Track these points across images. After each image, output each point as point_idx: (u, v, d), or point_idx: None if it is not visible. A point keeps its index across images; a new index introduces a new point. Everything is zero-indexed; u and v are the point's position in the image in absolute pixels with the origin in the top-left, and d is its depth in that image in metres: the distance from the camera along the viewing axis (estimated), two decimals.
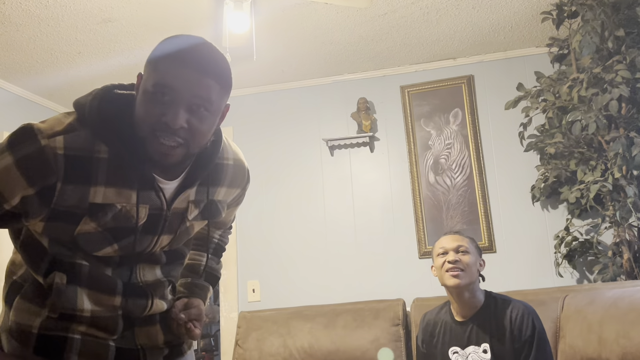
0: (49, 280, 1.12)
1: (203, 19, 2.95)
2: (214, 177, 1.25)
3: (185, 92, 1.04)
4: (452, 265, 2.12)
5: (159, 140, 1.05)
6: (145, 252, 1.20)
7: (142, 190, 1.12)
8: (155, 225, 1.17)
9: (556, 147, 3.06)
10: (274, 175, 3.82)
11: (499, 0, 2.94)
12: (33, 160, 1.03)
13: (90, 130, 1.08)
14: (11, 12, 2.76)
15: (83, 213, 1.08)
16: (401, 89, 3.74)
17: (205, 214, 1.25)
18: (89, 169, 1.07)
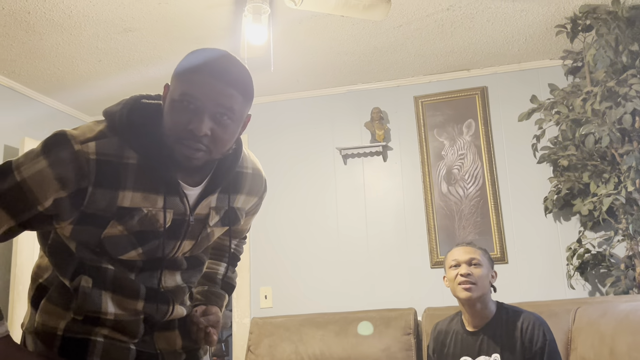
0: (75, 283, 1.16)
1: (222, 30, 3.01)
2: (234, 184, 1.30)
3: (209, 102, 1.10)
4: (464, 279, 2.13)
5: (184, 147, 1.11)
6: (168, 257, 1.25)
7: (168, 195, 1.17)
8: (178, 230, 1.22)
9: (569, 159, 3.07)
10: (288, 182, 3.86)
11: (513, 13, 2.97)
12: (67, 164, 1.08)
13: (119, 137, 1.13)
14: (35, 22, 2.84)
15: (111, 216, 1.13)
16: (415, 99, 3.77)
17: (225, 220, 1.30)
18: (118, 174, 1.12)
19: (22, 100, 3.64)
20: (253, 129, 3.93)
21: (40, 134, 3.71)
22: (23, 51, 3.14)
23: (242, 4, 2.64)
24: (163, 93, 1.18)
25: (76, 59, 3.27)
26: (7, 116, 3.51)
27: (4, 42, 3.03)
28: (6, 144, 3.47)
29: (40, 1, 2.66)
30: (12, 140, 3.51)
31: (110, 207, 1.12)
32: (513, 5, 2.87)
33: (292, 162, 3.90)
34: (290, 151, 3.92)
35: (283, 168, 3.89)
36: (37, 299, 1.23)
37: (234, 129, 1.16)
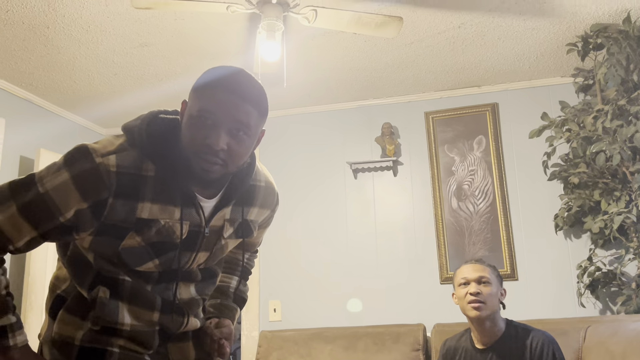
0: (93, 294, 1.19)
1: (236, 46, 3.06)
2: (248, 197, 1.33)
3: (226, 117, 1.13)
4: (473, 298, 2.14)
5: (201, 161, 1.14)
6: (183, 268, 1.27)
7: (185, 207, 1.20)
8: (193, 241, 1.24)
9: (580, 177, 3.07)
10: (298, 196, 3.88)
11: (524, 31, 2.99)
12: (88, 176, 1.12)
13: (139, 150, 1.17)
14: (54, 36, 2.90)
15: (130, 227, 1.16)
16: (425, 114, 3.79)
17: (239, 232, 1.33)
18: (137, 186, 1.15)
19: (38, 112, 3.71)
20: (264, 143, 3.95)
21: (55, 146, 3.77)
22: (41, 64, 3.20)
23: (257, 21, 2.69)
24: (181, 109, 1.22)
25: (92, 72, 3.33)
26: (24, 128, 3.57)
27: (23, 56, 3.09)
28: (22, 154, 3.53)
29: (60, 16, 2.72)
30: (27, 151, 3.56)
31: (129, 218, 1.15)
32: (524, 23, 2.90)
33: (302, 176, 3.92)
34: (301, 165, 3.95)
35: (294, 181, 3.91)
36: (55, 309, 1.26)
37: (249, 143, 1.19)
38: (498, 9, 2.76)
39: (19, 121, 3.53)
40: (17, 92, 3.50)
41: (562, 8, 2.76)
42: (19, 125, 3.53)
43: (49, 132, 3.78)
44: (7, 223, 1.11)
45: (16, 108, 3.52)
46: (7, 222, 1.11)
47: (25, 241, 1.14)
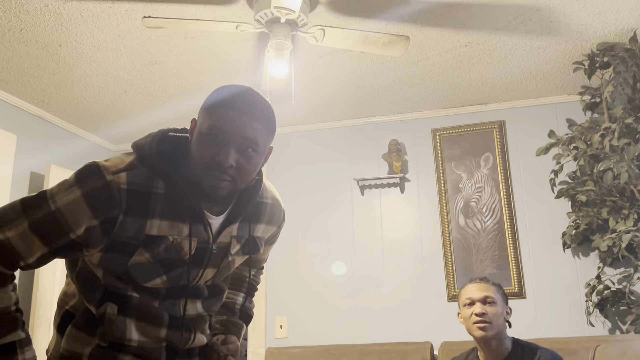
0: (101, 310, 1.20)
1: (245, 63, 3.10)
2: (255, 214, 1.34)
3: (235, 135, 1.15)
4: (479, 318, 2.13)
5: (211, 177, 1.16)
6: (191, 285, 1.28)
7: (193, 223, 1.21)
8: (201, 258, 1.26)
9: (588, 194, 3.07)
10: (305, 212, 3.89)
11: (530, 50, 3.01)
12: (99, 194, 1.13)
13: (149, 167, 1.19)
14: (66, 54, 2.95)
15: (139, 244, 1.17)
16: (432, 131, 3.81)
17: (246, 249, 1.34)
18: (147, 203, 1.17)
19: (49, 128, 3.76)
20: (272, 158, 3.99)
21: (65, 162, 3.81)
22: (53, 81, 3.26)
23: (266, 40, 2.73)
24: (190, 127, 1.24)
25: (103, 89, 3.38)
26: (35, 144, 3.62)
27: (35, 73, 3.14)
28: (32, 170, 3.57)
29: (72, 35, 2.77)
30: (38, 167, 3.61)
31: (138, 235, 1.17)
32: (530, 42, 2.92)
33: (310, 192, 3.94)
34: (308, 181, 3.96)
35: (301, 198, 3.93)
36: (64, 325, 1.27)
37: (257, 160, 1.21)
38: (504, 28, 2.78)
39: (30, 137, 3.58)
40: (28, 109, 3.55)
41: (568, 27, 2.78)
42: (30, 141, 3.57)
43: (60, 148, 3.83)
44: (18, 239, 1.12)
45: (27, 124, 3.57)
46: (18, 238, 1.12)
47: (36, 257, 1.15)
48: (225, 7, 2.54)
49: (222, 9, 2.56)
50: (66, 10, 2.55)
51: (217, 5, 2.52)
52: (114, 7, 2.53)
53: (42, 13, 2.57)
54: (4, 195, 3.30)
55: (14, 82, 3.24)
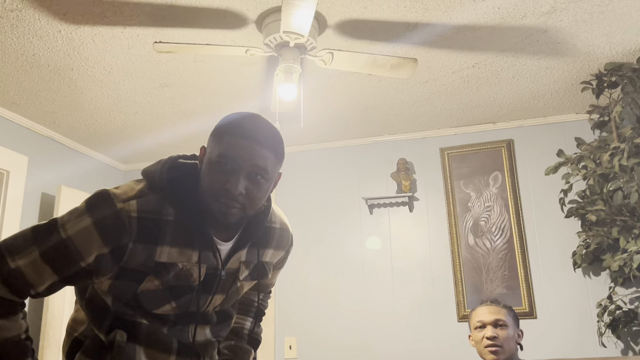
0: (111, 337, 1.21)
1: (254, 86, 3.12)
2: (263, 239, 1.35)
3: (245, 163, 1.17)
4: (490, 342, 2.13)
5: (220, 204, 1.17)
6: (200, 311, 1.29)
7: (202, 250, 1.22)
8: (210, 284, 1.26)
9: (598, 214, 3.05)
10: (314, 231, 3.90)
11: (538, 70, 3.02)
12: (110, 222, 1.14)
13: (159, 194, 1.20)
14: (78, 77, 2.99)
15: (148, 271, 1.18)
16: (441, 150, 3.81)
17: (255, 274, 1.34)
18: (157, 230, 1.18)
19: (60, 149, 3.79)
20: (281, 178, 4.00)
21: (76, 183, 3.84)
22: (64, 104, 3.29)
23: (275, 63, 2.75)
24: (199, 154, 1.25)
25: (113, 111, 3.41)
26: (46, 165, 3.65)
27: (47, 96, 3.18)
28: (43, 191, 3.60)
29: (84, 59, 2.80)
30: (49, 188, 3.64)
31: (148, 262, 1.17)
32: (538, 62, 2.93)
33: (318, 211, 3.94)
34: (317, 200, 3.97)
35: (309, 217, 3.93)
36: (72, 352, 1.28)
37: (266, 187, 1.22)
38: (512, 50, 2.79)
39: (41, 158, 3.61)
40: (40, 130, 3.59)
41: (576, 48, 2.79)
42: (41, 162, 3.61)
43: (70, 169, 3.86)
44: (29, 268, 1.13)
45: (39, 146, 3.61)
46: (29, 267, 1.13)
47: (47, 286, 1.16)
48: (234, 32, 2.57)
49: (231, 34, 2.59)
50: (78, 35, 2.59)
51: (227, 29, 2.55)
52: (125, 32, 2.57)
53: (55, 38, 2.61)
54: (15, 216, 3.33)
55: (26, 104, 3.28)
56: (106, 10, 2.39)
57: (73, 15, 2.42)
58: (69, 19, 2.45)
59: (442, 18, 2.49)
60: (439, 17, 2.48)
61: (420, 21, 2.52)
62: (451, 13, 2.46)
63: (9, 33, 2.55)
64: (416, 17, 2.48)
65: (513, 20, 2.53)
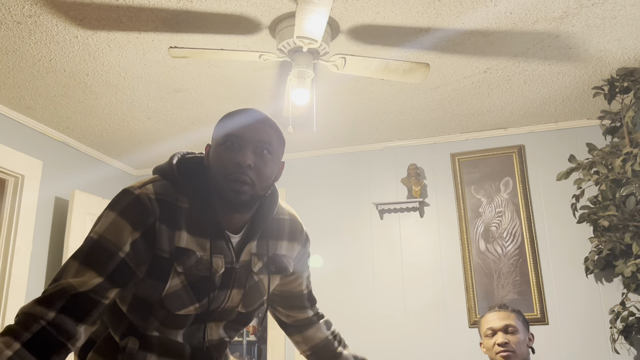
0: (123, 343, 1.23)
1: (267, 90, 3.15)
2: (274, 231, 1.37)
3: (251, 138, 1.23)
4: (502, 348, 2.13)
5: (231, 181, 1.20)
6: (219, 309, 1.30)
7: (214, 239, 1.24)
8: (227, 279, 1.27)
9: (610, 220, 3.04)
10: (324, 236, 3.90)
11: (549, 76, 3.02)
12: (133, 207, 1.18)
13: (171, 183, 1.24)
14: (92, 82, 3.03)
15: (171, 258, 1.19)
16: (451, 156, 3.82)
17: (272, 267, 1.35)
18: (175, 214, 1.21)
19: (74, 154, 3.83)
20: (292, 182, 4.03)
21: (89, 188, 3.88)
22: (79, 109, 3.33)
23: (288, 68, 2.78)
24: (205, 151, 1.31)
25: (127, 116, 3.45)
26: (59, 169, 3.69)
27: (62, 101, 3.22)
28: (57, 195, 3.64)
29: (99, 64, 2.84)
30: (62, 192, 3.67)
31: (170, 247, 1.19)
32: (550, 68, 2.94)
33: (328, 216, 3.95)
34: (327, 205, 3.98)
35: (319, 222, 3.94)
36: (85, 351, 1.30)
37: (273, 164, 1.27)
38: (524, 55, 2.80)
39: (55, 163, 3.65)
40: (54, 135, 3.64)
41: (588, 53, 2.79)
42: (55, 167, 3.65)
43: (84, 173, 3.90)
44: (76, 277, 1.11)
45: (53, 150, 3.65)
46: (76, 276, 1.11)
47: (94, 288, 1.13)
48: (248, 37, 2.60)
49: (245, 39, 2.62)
50: (94, 41, 2.63)
51: (240, 35, 2.58)
52: (140, 37, 2.60)
53: (72, 44, 2.64)
54: (30, 219, 3.36)
55: (41, 109, 3.32)
56: (122, 15, 2.43)
57: (90, 20, 2.46)
58: (85, 25, 2.49)
59: (454, 23, 2.51)
60: (451, 22, 2.50)
61: (432, 26, 2.53)
62: (463, 18, 2.47)
63: (27, 39, 2.59)
64: (428, 22, 2.50)
65: (525, 25, 2.54)
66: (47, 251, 3.51)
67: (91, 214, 3.69)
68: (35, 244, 3.41)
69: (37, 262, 3.41)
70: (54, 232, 3.57)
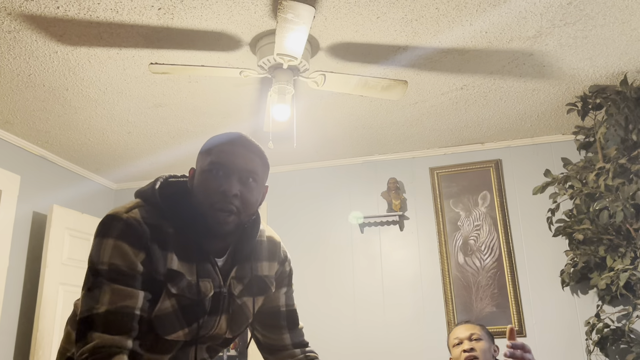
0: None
1: (248, 106, 3.17)
2: (255, 253, 1.37)
3: (236, 167, 1.23)
4: (468, 354, 2.25)
5: (217, 211, 1.20)
6: (207, 335, 1.30)
7: (200, 263, 1.24)
8: (217, 303, 1.27)
9: (584, 233, 3.11)
10: (305, 250, 3.92)
11: (525, 92, 3.10)
12: (126, 230, 1.18)
13: (155, 209, 1.24)
14: (72, 97, 3.02)
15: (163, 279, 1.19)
16: (430, 170, 3.87)
17: (254, 289, 1.35)
18: (163, 238, 1.21)
19: (52, 168, 3.80)
20: (272, 197, 4.04)
21: (68, 202, 3.85)
22: (58, 123, 3.32)
23: (268, 84, 2.80)
24: (189, 175, 1.30)
25: (107, 131, 3.44)
26: (38, 183, 3.66)
27: (41, 115, 3.21)
28: (35, 210, 3.60)
29: (79, 79, 2.84)
30: (41, 207, 3.64)
31: (163, 269, 1.19)
32: (525, 85, 3.01)
33: (309, 230, 3.97)
34: (307, 219, 4.00)
35: (301, 235, 3.95)
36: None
37: (258, 192, 1.27)
38: (499, 72, 2.87)
39: (33, 178, 3.62)
40: (32, 150, 3.61)
41: (561, 71, 2.87)
42: (33, 181, 3.61)
43: (63, 188, 3.87)
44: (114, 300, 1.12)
45: (31, 165, 3.62)
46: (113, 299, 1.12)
47: (140, 301, 1.15)
48: (229, 54, 2.62)
49: (226, 55, 2.64)
50: (74, 56, 2.63)
51: (221, 51, 2.60)
52: (121, 53, 2.61)
53: (51, 59, 2.64)
54: (7, 235, 3.32)
55: (20, 124, 3.30)
56: (103, 32, 2.44)
57: (70, 36, 2.46)
58: (65, 41, 2.49)
59: (431, 41, 2.56)
60: (428, 40, 2.55)
61: (410, 44, 2.58)
62: (440, 36, 2.53)
63: (6, 54, 2.58)
64: (406, 40, 2.55)
65: (500, 44, 2.60)
66: (24, 267, 3.46)
67: (70, 229, 3.66)
68: (12, 260, 3.37)
69: (13, 278, 3.37)
70: (32, 248, 3.53)
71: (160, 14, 2.32)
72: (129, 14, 2.31)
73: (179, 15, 2.33)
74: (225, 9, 2.29)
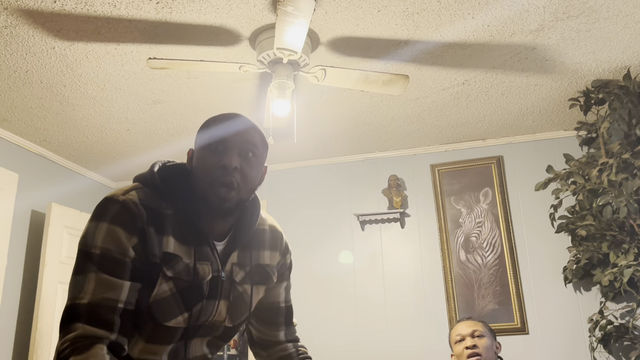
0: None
1: (247, 102, 3.14)
2: (256, 241, 1.36)
3: (235, 140, 1.22)
4: (471, 351, 2.23)
5: (218, 186, 1.19)
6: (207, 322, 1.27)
7: (199, 246, 1.22)
8: (215, 287, 1.25)
9: (587, 229, 3.08)
10: (306, 248, 3.89)
11: (527, 87, 3.07)
12: (122, 214, 1.16)
13: (153, 191, 1.22)
14: (70, 94, 2.99)
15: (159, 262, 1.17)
16: (431, 167, 3.84)
17: (255, 277, 1.33)
18: (161, 220, 1.19)
19: (50, 167, 3.78)
20: (273, 194, 4.01)
21: (66, 200, 3.82)
22: (56, 121, 3.29)
23: (268, 79, 2.78)
24: (188, 156, 1.29)
25: (105, 128, 3.41)
26: (36, 182, 3.63)
27: (39, 113, 3.18)
28: (33, 208, 3.57)
29: (77, 76, 2.81)
30: (39, 205, 3.61)
31: (159, 252, 1.17)
32: (527, 80, 2.98)
33: (309, 228, 3.94)
34: (308, 216, 3.97)
35: (300, 233, 3.93)
36: None
37: (257, 167, 1.26)
38: (501, 67, 2.84)
39: (31, 176, 3.59)
40: (30, 148, 3.58)
41: (563, 65, 2.84)
42: (31, 179, 3.59)
43: (61, 186, 3.84)
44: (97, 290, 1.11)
45: (29, 163, 3.59)
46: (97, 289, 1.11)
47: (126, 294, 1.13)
48: (228, 49, 2.60)
49: (225, 50, 2.61)
50: (72, 52, 2.60)
51: (220, 46, 2.58)
52: (119, 48, 2.58)
53: (49, 55, 2.61)
54: (5, 233, 3.30)
55: (18, 121, 3.27)
56: (100, 27, 2.41)
57: (67, 32, 2.43)
58: (63, 36, 2.47)
59: (433, 35, 2.54)
60: (429, 34, 2.52)
61: (411, 38, 2.56)
62: (441, 31, 2.50)
63: (2, 50, 2.56)
64: (407, 34, 2.52)
65: (502, 38, 2.58)
66: (22, 265, 3.43)
67: (68, 227, 3.63)
68: (11, 258, 3.34)
69: (12, 276, 3.34)
70: (30, 246, 3.50)
71: (158, 8, 2.29)
72: (126, 8, 2.28)
73: (177, 10, 2.30)
74: (224, 2, 2.26)
